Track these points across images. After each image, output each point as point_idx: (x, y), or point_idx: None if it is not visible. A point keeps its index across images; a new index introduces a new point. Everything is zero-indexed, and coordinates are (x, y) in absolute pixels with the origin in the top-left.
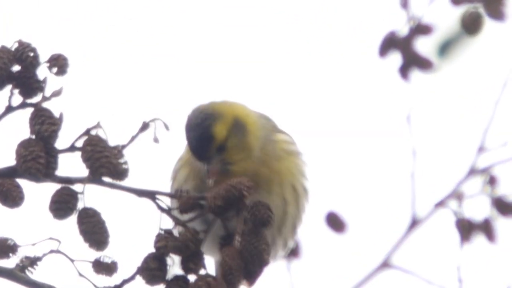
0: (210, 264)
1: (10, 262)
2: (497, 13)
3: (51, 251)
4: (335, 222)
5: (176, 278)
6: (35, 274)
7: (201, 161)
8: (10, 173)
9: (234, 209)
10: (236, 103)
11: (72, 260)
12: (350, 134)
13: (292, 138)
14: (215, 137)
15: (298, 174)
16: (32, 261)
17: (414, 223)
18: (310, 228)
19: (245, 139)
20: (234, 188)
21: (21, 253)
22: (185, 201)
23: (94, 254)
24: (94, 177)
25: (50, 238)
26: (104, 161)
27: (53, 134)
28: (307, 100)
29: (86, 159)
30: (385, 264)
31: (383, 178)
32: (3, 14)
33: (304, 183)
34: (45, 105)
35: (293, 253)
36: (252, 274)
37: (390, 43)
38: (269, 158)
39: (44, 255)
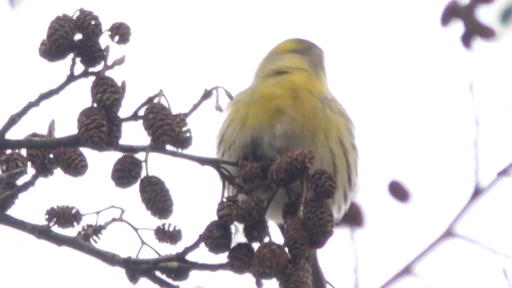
0: (274, 231)
1: (74, 231)
2: None
3: (114, 220)
4: (398, 191)
5: (240, 246)
6: (99, 242)
7: (315, 47)
8: (73, 142)
9: (297, 180)
10: None
11: (135, 229)
12: (413, 104)
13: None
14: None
15: (345, 131)
16: (95, 230)
17: (478, 191)
18: (373, 197)
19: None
20: (296, 161)
21: (84, 222)
22: (248, 170)
23: (158, 223)
24: (157, 145)
25: (113, 207)
26: (166, 129)
27: (115, 103)
28: (369, 68)
29: (148, 127)
30: (449, 233)
31: (446, 147)
32: None
33: (352, 140)
34: (107, 73)
35: (357, 222)
36: (316, 245)
37: (452, 12)
38: (325, 105)
39: (107, 223)
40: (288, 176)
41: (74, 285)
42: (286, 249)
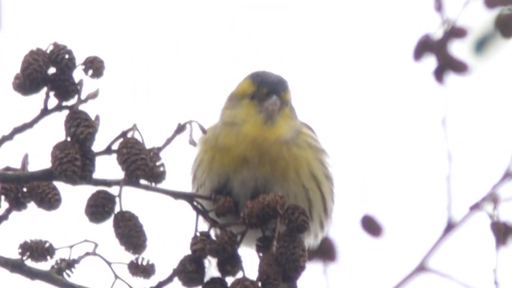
0: (247, 265)
1: (47, 265)
2: None
3: (87, 254)
4: (371, 226)
5: (213, 280)
6: (72, 276)
7: (274, 92)
8: (46, 176)
9: (269, 223)
10: None
11: (109, 263)
12: (385, 138)
13: (317, 136)
14: (289, 90)
15: (317, 163)
16: (69, 264)
17: (450, 226)
18: (345, 232)
19: (289, 115)
20: (268, 207)
21: (58, 256)
22: (221, 204)
23: (131, 257)
24: (130, 180)
25: (86, 241)
26: (140, 164)
27: (89, 137)
28: (341, 103)
29: (122, 161)
30: (421, 268)
31: (418, 182)
32: (36, 16)
33: (325, 171)
34: (81, 107)
35: (330, 256)
36: (288, 280)
37: (424, 46)
38: (291, 144)
39: (81, 257)
40: (260, 221)
41: None
42: (259, 284)
